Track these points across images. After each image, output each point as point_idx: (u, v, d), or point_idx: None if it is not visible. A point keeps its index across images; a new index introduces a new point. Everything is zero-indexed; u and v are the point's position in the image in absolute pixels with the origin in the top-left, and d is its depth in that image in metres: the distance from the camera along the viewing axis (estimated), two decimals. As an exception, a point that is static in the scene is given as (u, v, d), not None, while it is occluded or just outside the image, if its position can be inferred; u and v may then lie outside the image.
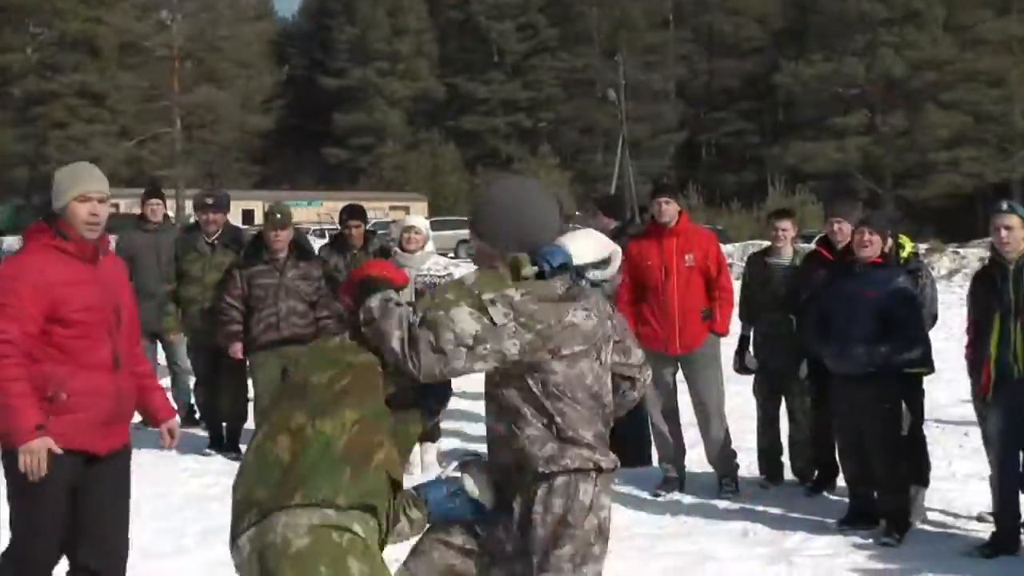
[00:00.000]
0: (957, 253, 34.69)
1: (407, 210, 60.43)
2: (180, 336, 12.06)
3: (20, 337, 5.42)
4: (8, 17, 72.24)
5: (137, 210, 13.62)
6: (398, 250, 11.12)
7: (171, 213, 14.00)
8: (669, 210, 10.05)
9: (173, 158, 73.97)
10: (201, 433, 11.98)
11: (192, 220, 12.12)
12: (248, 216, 54.33)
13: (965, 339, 8.61)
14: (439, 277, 11.05)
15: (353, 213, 11.90)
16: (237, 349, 11.04)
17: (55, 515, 5.62)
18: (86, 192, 5.68)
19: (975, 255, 32.09)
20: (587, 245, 4.82)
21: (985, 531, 8.42)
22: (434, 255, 11.51)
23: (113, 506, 5.83)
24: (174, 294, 11.71)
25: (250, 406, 11.47)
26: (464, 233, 57.21)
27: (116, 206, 64.63)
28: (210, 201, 11.77)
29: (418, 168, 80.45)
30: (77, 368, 5.53)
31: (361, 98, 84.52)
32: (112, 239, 6.62)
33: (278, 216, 10.90)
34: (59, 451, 5.48)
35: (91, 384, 5.56)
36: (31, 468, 5.41)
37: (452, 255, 49.62)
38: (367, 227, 12.09)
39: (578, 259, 4.70)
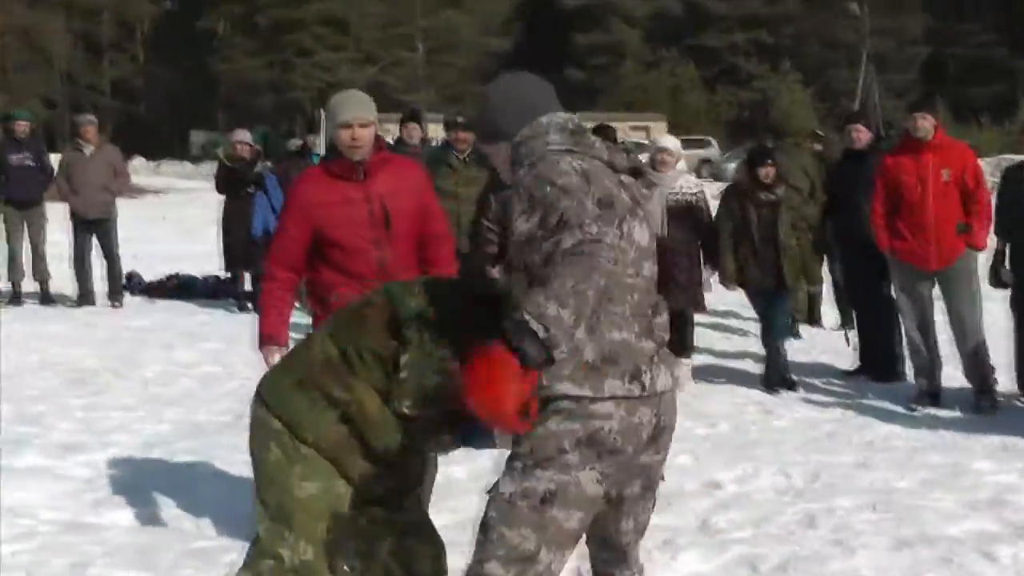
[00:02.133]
0: None
1: (647, 130, 60.26)
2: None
3: (281, 256, 6.22)
4: (255, -53, 73.85)
5: (382, 134, 14.03)
6: (651, 170, 11.27)
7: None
8: (926, 125, 10.04)
9: (415, 83, 74.93)
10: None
11: (441, 140, 12.45)
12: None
13: None
14: (692, 195, 11.17)
15: (601, 133, 12.05)
16: (495, 272, 11.24)
17: None
18: (346, 120, 6.13)
19: None
20: None
21: None
22: (685, 174, 11.65)
23: None
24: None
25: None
26: (705, 152, 57.10)
27: (362, 130, 65.91)
28: (461, 120, 12.07)
29: (657, 87, 79.93)
30: (344, 277, 6.11)
31: (599, 17, 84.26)
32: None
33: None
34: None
35: (356, 290, 5.96)
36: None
37: (694, 175, 49.29)
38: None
39: None
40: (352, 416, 4.33)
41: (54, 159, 16.82)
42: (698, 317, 11.88)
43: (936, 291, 10.30)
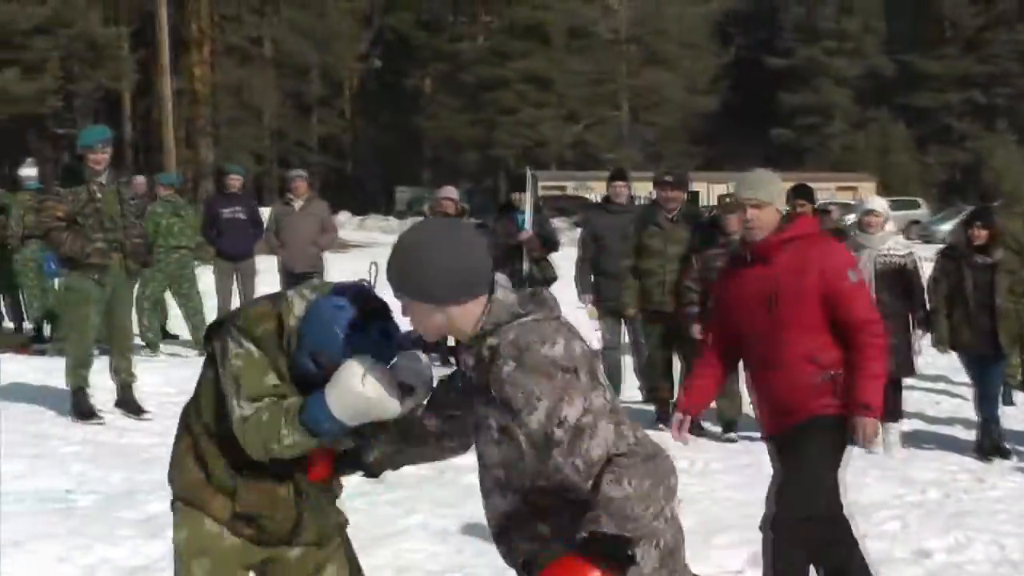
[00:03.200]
0: None
1: (855, 191, 59.47)
2: (638, 312, 12.37)
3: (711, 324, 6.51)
4: (462, 7, 74.84)
5: (584, 193, 14.22)
6: (857, 232, 11.08)
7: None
8: None
9: (619, 141, 75.17)
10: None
11: (650, 197, 12.48)
12: (692, 197, 54.62)
13: None
14: (901, 257, 10.94)
15: (800, 192, 11.94)
16: (696, 330, 11.30)
17: None
18: (737, 197, 6.09)
19: None
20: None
21: None
22: (894, 235, 11.43)
23: None
24: (633, 269, 12.04)
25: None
26: (915, 213, 56.08)
27: (563, 188, 66.43)
28: (669, 179, 12.09)
29: (866, 148, 79.02)
30: (752, 365, 6.13)
31: (807, 77, 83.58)
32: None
33: (728, 200, 11.15)
34: None
35: (756, 379, 6.06)
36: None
37: (903, 236, 48.44)
38: (815, 206, 12.06)
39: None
40: (202, 452, 4.35)
41: (264, 213, 17.16)
42: (908, 381, 11.62)
43: None
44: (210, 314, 16.14)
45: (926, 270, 11.11)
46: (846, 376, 5.90)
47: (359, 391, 3.90)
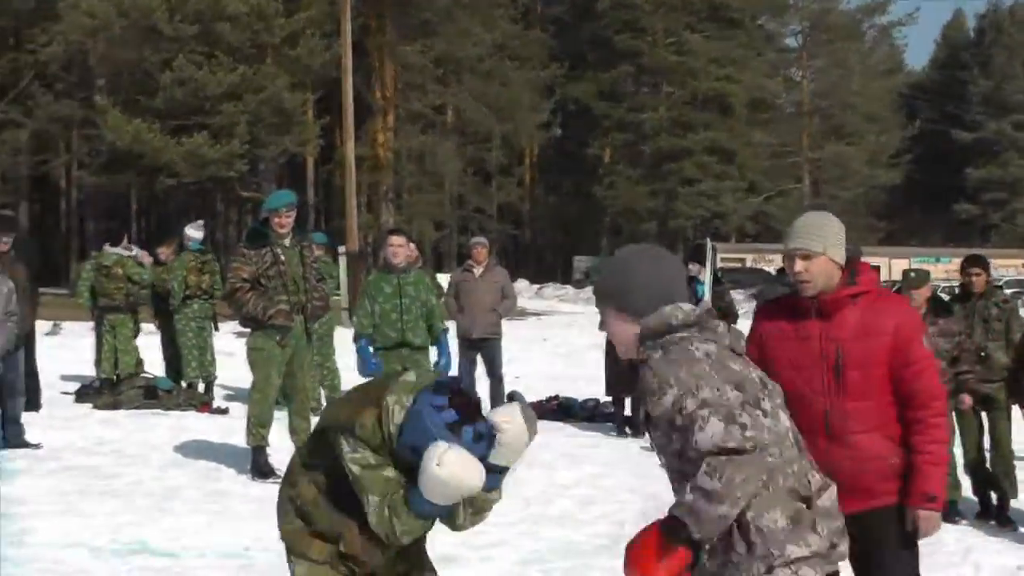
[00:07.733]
0: None
1: (1039, 267, 58.21)
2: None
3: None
4: (644, 78, 74.95)
5: (763, 265, 14.09)
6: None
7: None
8: None
9: (800, 213, 74.53)
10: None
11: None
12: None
13: None
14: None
15: (974, 262, 11.70)
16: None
17: None
18: (787, 249, 5.41)
19: None
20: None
21: None
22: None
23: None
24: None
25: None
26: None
27: (742, 261, 66.03)
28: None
29: (1054, 224, 77.57)
30: (807, 433, 4.88)
31: (995, 151, 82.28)
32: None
33: (912, 275, 10.98)
34: None
35: (813, 449, 4.83)
36: None
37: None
38: (989, 277, 11.79)
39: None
40: (305, 504, 5.11)
41: (443, 279, 17.20)
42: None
43: None
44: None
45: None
46: (908, 459, 5.24)
47: (435, 473, 4.52)
